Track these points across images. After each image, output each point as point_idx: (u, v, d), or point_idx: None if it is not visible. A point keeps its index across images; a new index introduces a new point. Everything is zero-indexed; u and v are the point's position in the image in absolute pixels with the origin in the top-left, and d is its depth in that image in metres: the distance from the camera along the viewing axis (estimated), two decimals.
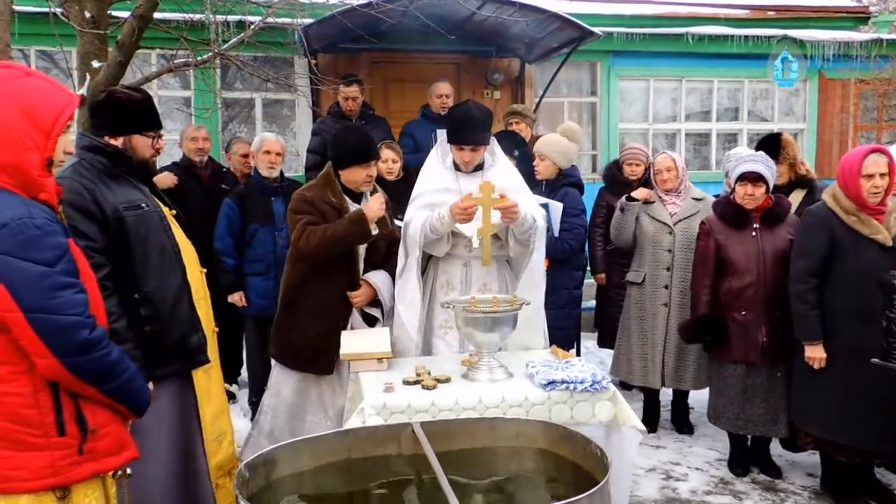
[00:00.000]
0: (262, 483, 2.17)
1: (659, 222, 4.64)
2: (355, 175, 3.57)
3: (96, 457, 1.97)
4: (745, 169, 3.93)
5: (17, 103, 1.89)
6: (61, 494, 1.91)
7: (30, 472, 1.87)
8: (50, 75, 7.39)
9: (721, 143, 9.19)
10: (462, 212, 3.27)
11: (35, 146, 1.90)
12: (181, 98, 7.78)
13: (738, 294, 3.99)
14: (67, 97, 2.00)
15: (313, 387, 3.67)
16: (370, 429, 2.46)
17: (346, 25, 5.94)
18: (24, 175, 1.90)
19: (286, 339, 3.67)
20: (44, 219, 1.89)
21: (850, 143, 9.18)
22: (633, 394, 5.13)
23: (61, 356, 1.85)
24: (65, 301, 1.86)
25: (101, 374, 1.94)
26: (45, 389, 1.89)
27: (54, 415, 1.90)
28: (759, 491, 4.01)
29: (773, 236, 3.96)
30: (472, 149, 3.51)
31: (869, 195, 3.52)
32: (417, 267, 3.46)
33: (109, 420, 2.03)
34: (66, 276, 1.89)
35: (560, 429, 2.42)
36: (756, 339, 3.94)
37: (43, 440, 1.89)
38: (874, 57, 8.80)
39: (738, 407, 4.04)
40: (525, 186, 3.67)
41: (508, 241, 3.52)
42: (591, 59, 8.54)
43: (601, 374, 2.96)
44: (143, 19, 4.40)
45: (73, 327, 1.86)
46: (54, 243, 1.89)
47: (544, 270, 3.61)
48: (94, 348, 1.90)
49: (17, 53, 6.32)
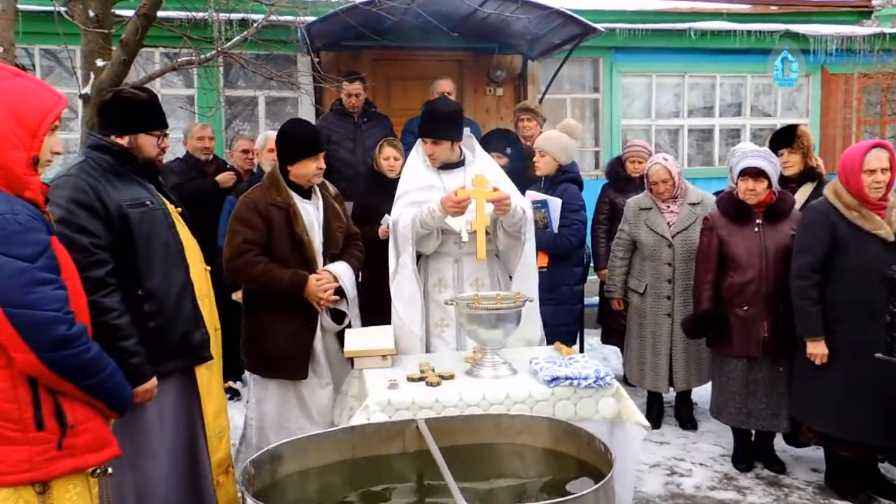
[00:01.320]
0: (267, 480, 2.18)
1: (657, 234, 4.60)
2: (305, 168, 3.50)
3: (76, 453, 1.99)
4: (747, 164, 3.93)
5: (4, 103, 1.92)
6: (41, 489, 1.93)
7: (8, 465, 1.89)
8: (54, 74, 7.42)
9: (724, 138, 9.18)
10: (455, 205, 3.28)
11: (21, 145, 1.93)
12: (185, 96, 7.79)
13: (740, 289, 3.99)
14: (55, 98, 2.03)
15: (292, 391, 3.60)
16: (375, 425, 2.48)
17: (349, 23, 5.94)
18: (9, 173, 1.93)
19: (255, 347, 3.59)
20: (26, 215, 1.92)
21: (853, 138, 9.17)
22: (636, 390, 5.13)
23: (38, 351, 1.87)
24: (43, 296, 1.89)
25: (79, 370, 1.96)
26: (23, 385, 1.91)
27: (33, 409, 1.92)
28: (763, 486, 4.02)
29: (775, 232, 3.96)
30: (434, 142, 3.55)
31: (871, 190, 3.53)
32: (413, 263, 3.48)
33: (89, 416, 2.04)
34: (45, 272, 1.91)
35: (564, 425, 2.43)
36: (758, 334, 3.95)
37: (21, 434, 1.90)
38: (877, 51, 8.78)
39: (740, 402, 4.04)
40: (508, 179, 3.70)
41: (498, 234, 3.55)
42: (594, 56, 8.54)
43: (605, 370, 2.97)
44: (146, 18, 4.41)
45: (50, 322, 1.88)
46: (35, 239, 1.91)
47: (535, 262, 3.63)
48: (71, 344, 1.92)
49: (22, 52, 6.33)
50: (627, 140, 7.86)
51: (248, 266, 3.42)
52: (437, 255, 3.61)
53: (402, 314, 3.48)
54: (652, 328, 4.67)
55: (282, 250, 3.47)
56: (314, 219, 3.59)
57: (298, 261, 3.50)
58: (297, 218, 3.48)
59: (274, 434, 3.59)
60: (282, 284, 3.42)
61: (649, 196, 4.70)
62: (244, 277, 3.49)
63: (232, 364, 5.46)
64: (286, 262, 3.47)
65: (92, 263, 2.55)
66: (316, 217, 3.60)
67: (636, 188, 5.17)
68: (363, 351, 3.24)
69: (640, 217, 4.69)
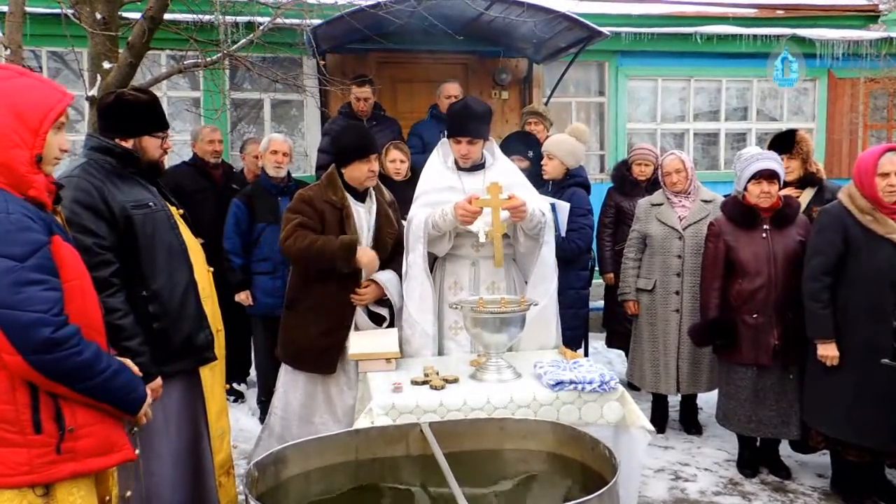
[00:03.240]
0: (271, 483, 2.17)
1: (668, 227, 4.61)
2: (357, 171, 3.57)
3: (77, 457, 1.95)
4: (761, 167, 3.90)
5: (4, 102, 1.91)
6: (43, 492, 1.91)
7: (8, 467, 1.87)
8: (61, 76, 7.44)
9: (730, 142, 9.16)
10: (466, 214, 3.27)
11: (22, 143, 1.92)
12: (190, 99, 7.81)
13: (749, 296, 3.97)
14: (58, 95, 2.01)
15: (320, 387, 3.67)
16: (379, 429, 2.47)
17: (355, 26, 5.95)
18: (12, 172, 1.92)
19: (290, 338, 3.68)
20: (21, 214, 1.88)
21: (859, 143, 9.14)
22: (641, 394, 5.12)
23: (24, 353, 1.82)
24: (28, 297, 1.83)
25: (70, 373, 1.90)
26: (22, 387, 1.88)
27: (31, 412, 1.88)
28: (768, 492, 4.00)
29: (783, 237, 3.94)
30: (469, 141, 3.49)
31: (884, 194, 3.51)
32: (424, 262, 3.46)
33: (93, 420, 2.00)
34: (35, 273, 1.86)
35: (568, 429, 2.42)
36: (768, 342, 3.92)
37: (20, 437, 1.88)
38: (884, 56, 8.75)
39: (749, 410, 4.01)
40: (528, 182, 3.67)
41: (518, 237, 3.52)
42: (599, 59, 8.53)
43: (609, 374, 2.96)
44: (153, 20, 4.42)
45: (33, 324, 1.83)
46: (28, 239, 1.87)
47: (555, 265, 3.60)
48: (57, 347, 1.86)
49: (29, 54, 6.36)
50: (633, 144, 7.86)
51: (299, 239, 3.47)
52: (454, 258, 3.59)
53: (414, 313, 3.46)
54: (662, 326, 4.64)
55: None
56: (365, 222, 3.63)
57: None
58: (349, 218, 3.55)
59: (297, 426, 3.66)
60: (332, 248, 3.45)
61: (662, 193, 4.71)
62: (294, 252, 3.50)
63: (238, 365, 5.50)
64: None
65: (96, 264, 2.54)
66: (367, 220, 3.65)
67: (642, 192, 5.17)
68: (367, 354, 3.23)
69: (650, 213, 4.70)
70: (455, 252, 3.58)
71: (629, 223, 5.02)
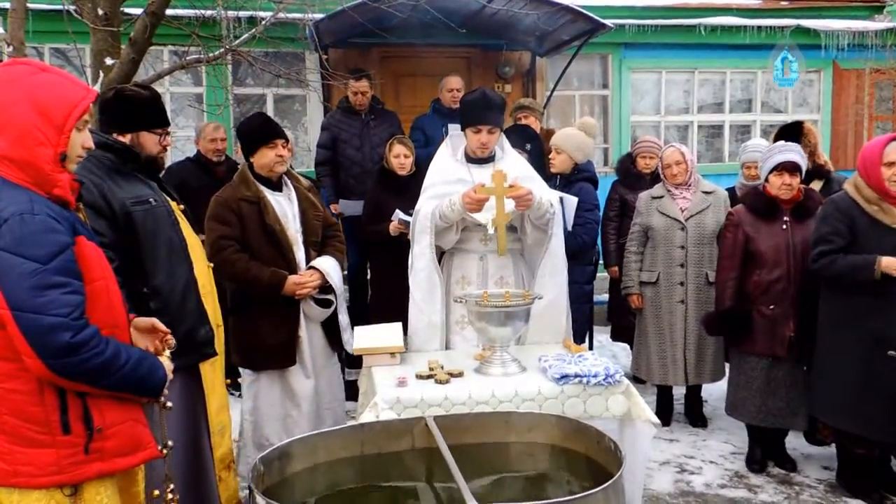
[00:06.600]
0: (276, 478, 2.18)
1: (670, 218, 4.59)
2: (265, 158, 3.56)
3: (105, 457, 1.95)
4: (783, 158, 3.88)
5: (28, 99, 1.88)
6: (70, 492, 1.90)
7: (37, 468, 1.86)
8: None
9: (734, 134, 9.13)
10: (472, 202, 3.26)
11: (47, 141, 1.88)
12: (193, 94, 7.81)
13: (766, 288, 3.94)
14: (82, 92, 1.97)
15: (281, 383, 3.66)
16: (384, 423, 2.47)
17: (357, 20, 5.94)
18: (37, 170, 1.89)
19: (243, 342, 3.63)
20: (46, 214, 1.85)
21: (864, 134, 9.10)
22: (646, 387, 5.11)
23: (44, 357, 1.80)
24: (50, 300, 1.80)
25: (92, 374, 1.88)
26: (50, 388, 1.86)
27: (59, 413, 1.87)
28: (773, 484, 4.00)
29: (803, 229, 3.91)
30: (490, 130, 3.47)
31: (890, 183, 3.49)
32: (431, 252, 3.44)
33: (121, 419, 1.99)
34: (58, 275, 1.83)
35: (573, 423, 2.42)
36: (783, 334, 3.91)
37: (48, 437, 1.87)
38: (889, 46, 8.70)
39: (760, 400, 3.99)
40: (537, 175, 3.66)
41: (525, 228, 3.50)
42: (603, 52, 8.50)
43: (614, 367, 2.96)
44: (155, 16, 4.42)
45: (54, 329, 1.80)
46: (52, 240, 1.84)
47: (565, 257, 3.58)
48: (77, 352, 1.83)
49: (31, 51, 6.36)
50: (636, 136, 7.83)
51: (228, 264, 3.48)
52: (462, 252, 3.58)
53: (421, 304, 3.45)
54: (668, 317, 4.63)
55: (257, 242, 3.54)
56: (287, 210, 3.63)
57: (274, 251, 3.55)
58: (266, 209, 3.54)
59: (268, 426, 3.67)
60: (260, 284, 3.50)
61: (662, 186, 4.70)
62: (224, 275, 3.51)
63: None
64: (262, 253, 3.53)
65: None
66: (289, 208, 3.65)
67: (646, 184, 5.15)
68: (372, 348, 3.23)
69: (651, 205, 4.69)
70: (463, 246, 3.57)
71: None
